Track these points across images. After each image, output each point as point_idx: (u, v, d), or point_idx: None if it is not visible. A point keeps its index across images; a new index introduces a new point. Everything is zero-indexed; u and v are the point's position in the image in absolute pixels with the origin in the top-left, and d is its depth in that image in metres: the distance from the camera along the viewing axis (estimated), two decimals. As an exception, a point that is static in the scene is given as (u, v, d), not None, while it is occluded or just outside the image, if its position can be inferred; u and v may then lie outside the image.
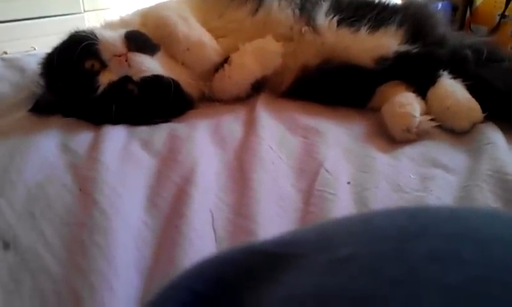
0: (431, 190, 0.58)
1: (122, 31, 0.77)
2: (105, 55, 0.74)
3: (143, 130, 0.72)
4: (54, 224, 0.52)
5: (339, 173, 0.62)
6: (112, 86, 0.74)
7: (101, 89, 0.73)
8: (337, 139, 0.72)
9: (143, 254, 0.50)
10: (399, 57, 0.82)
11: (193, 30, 0.83)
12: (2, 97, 0.87)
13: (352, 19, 0.85)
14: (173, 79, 0.77)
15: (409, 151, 0.68)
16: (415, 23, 0.85)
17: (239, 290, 0.26)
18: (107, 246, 0.49)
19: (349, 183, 0.60)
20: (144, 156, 0.65)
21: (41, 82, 0.81)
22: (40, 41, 1.80)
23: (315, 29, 0.86)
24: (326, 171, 0.62)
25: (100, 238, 0.49)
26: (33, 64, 0.99)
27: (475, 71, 0.80)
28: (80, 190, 0.58)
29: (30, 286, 0.45)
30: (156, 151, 0.66)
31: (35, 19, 1.89)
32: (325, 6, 0.87)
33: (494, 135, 0.69)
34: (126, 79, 0.75)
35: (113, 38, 0.75)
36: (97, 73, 0.74)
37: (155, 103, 0.76)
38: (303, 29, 0.87)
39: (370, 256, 0.23)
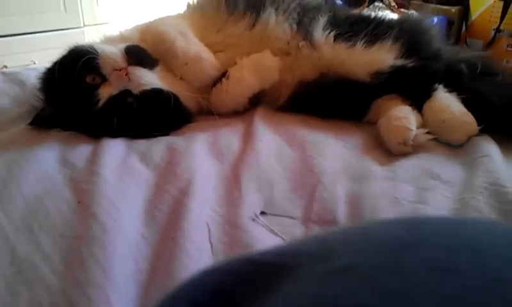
0: (428, 203, 0.59)
1: (122, 45, 0.78)
2: (106, 70, 0.75)
3: (142, 143, 0.73)
4: (52, 236, 0.52)
5: (336, 187, 0.62)
6: (113, 99, 0.74)
7: (101, 102, 0.74)
8: (334, 152, 0.72)
9: (140, 266, 0.50)
10: (395, 71, 0.83)
11: (191, 45, 0.84)
12: (1, 111, 0.88)
13: (348, 34, 0.86)
14: (172, 93, 0.78)
15: (405, 163, 0.69)
16: (410, 38, 0.86)
17: (238, 301, 0.26)
18: (105, 259, 0.48)
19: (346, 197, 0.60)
20: (143, 169, 0.66)
21: (41, 96, 0.82)
22: (40, 55, 1.81)
23: (312, 43, 0.87)
24: (324, 185, 0.62)
25: (98, 251, 0.49)
26: (33, 78, 1.00)
27: (470, 85, 0.80)
28: (78, 203, 0.58)
29: (27, 299, 0.45)
30: (154, 164, 0.67)
31: (35, 33, 1.90)
32: (322, 21, 0.88)
33: (489, 148, 0.70)
34: (126, 93, 0.75)
35: (113, 52, 0.76)
36: (97, 87, 0.74)
37: (155, 117, 0.77)
38: (300, 44, 0.88)
39: (367, 267, 0.24)
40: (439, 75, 0.82)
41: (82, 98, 0.74)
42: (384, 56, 0.84)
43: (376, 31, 0.86)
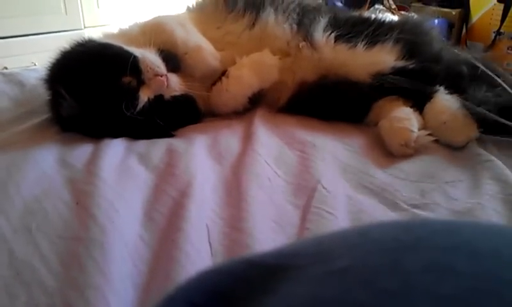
0: (429, 206, 0.58)
1: (154, 51, 0.79)
2: (147, 75, 0.76)
3: (141, 144, 0.73)
4: (51, 238, 0.52)
5: (336, 190, 0.62)
6: (150, 102, 0.76)
7: (140, 105, 0.74)
8: (335, 154, 0.72)
9: (139, 268, 0.49)
10: (396, 72, 0.83)
11: (191, 35, 0.85)
12: (1, 111, 0.88)
13: (349, 35, 0.86)
14: (191, 95, 0.81)
15: (407, 166, 0.69)
16: (411, 40, 0.86)
17: (236, 302, 0.26)
18: (103, 260, 0.48)
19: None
20: (142, 170, 0.66)
21: (58, 89, 0.75)
22: (40, 57, 1.81)
23: (312, 44, 0.87)
24: (323, 187, 0.62)
25: (97, 253, 0.49)
26: (33, 79, 1.00)
27: (471, 87, 0.80)
28: (77, 204, 0.57)
29: (25, 300, 0.45)
30: (153, 165, 0.67)
31: (35, 35, 1.90)
32: (323, 22, 0.88)
33: (492, 151, 0.70)
34: (160, 97, 0.77)
35: (156, 59, 0.77)
36: (136, 89, 0.75)
37: (181, 117, 0.80)
38: (301, 45, 0.88)
39: (365, 268, 0.23)
40: (440, 77, 0.82)
41: (120, 99, 0.72)
42: (385, 57, 0.84)
43: (376, 32, 0.86)
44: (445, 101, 0.78)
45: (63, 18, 1.97)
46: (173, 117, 0.78)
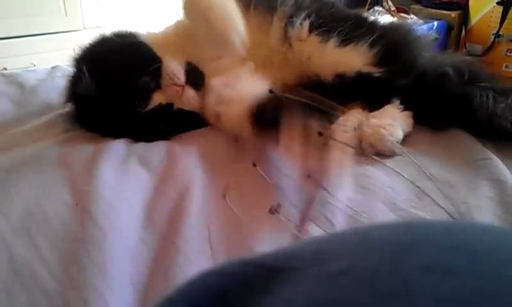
0: (428, 208, 0.58)
1: (183, 63, 0.79)
2: (166, 81, 0.77)
3: (141, 146, 0.73)
4: (50, 239, 0.52)
5: (336, 191, 0.62)
6: (160, 107, 0.77)
7: (150, 107, 0.76)
8: (334, 155, 0.72)
9: (138, 270, 0.49)
10: (359, 77, 0.80)
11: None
12: (0, 112, 0.88)
13: (324, 28, 0.82)
14: (199, 114, 0.80)
15: (406, 167, 0.69)
16: (389, 46, 0.82)
17: (236, 302, 0.26)
18: (102, 262, 0.48)
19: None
20: (142, 171, 0.66)
21: (83, 67, 0.77)
22: (40, 57, 1.82)
23: (288, 40, 0.85)
24: (324, 188, 0.62)
25: (96, 254, 0.49)
26: (32, 80, 1.00)
27: (458, 89, 0.77)
28: (76, 205, 0.57)
29: (24, 301, 0.45)
30: (153, 166, 0.66)
31: (35, 36, 1.91)
32: (304, 14, 0.85)
33: (491, 151, 0.70)
34: (171, 106, 0.78)
35: (178, 69, 0.78)
36: (151, 90, 0.76)
37: (184, 128, 0.80)
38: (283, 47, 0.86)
39: (365, 269, 0.23)
40: (403, 90, 0.79)
41: (133, 93, 0.75)
42: (354, 60, 0.80)
43: (354, 31, 0.82)
44: (385, 110, 0.77)
45: (63, 19, 1.97)
46: (177, 126, 0.79)
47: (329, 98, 0.76)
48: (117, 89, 0.75)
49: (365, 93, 0.80)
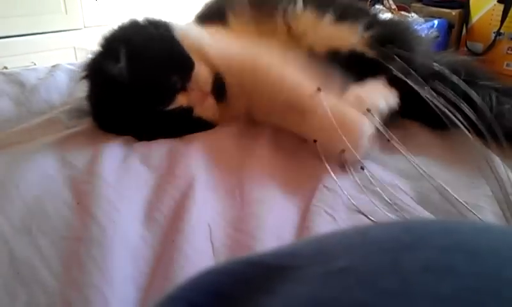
0: (429, 207, 0.58)
1: (212, 72, 0.79)
2: (193, 85, 0.77)
3: (141, 144, 0.73)
4: (51, 238, 0.52)
5: (336, 189, 0.62)
6: (181, 109, 0.77)
7: (172, 106, 0.76)
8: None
9: (139, 268, 0.50)
10: (353, 56, 0.80)
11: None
12: (1, 111, 0.88)
13: (321, 5, 0.83)
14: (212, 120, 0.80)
15: (405, 166, 0.69)
16: (385, 32, 0.81)
17: (236, 301, 0.26)
18: (103, 260, 0.48)
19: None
20: (143, 170, 0.66)
21: (121, 48, 0.75)
22: (41, 56, 1.82)
23: (287, 23, 0.85)
24: (324, 186, 0.62)
25: (97, 253, 0.49)
26: (33, 78, 1.00)
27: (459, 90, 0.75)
28: (77, 203, 0.57)
29: (25, 300, 0.45)
30: (154, 165, 0.66)
31: (35, 35, 1.91)
32: None
33: (488, 152, 0.69)
34: (191, 110, 0.78)
35: (207, 77, 0.78)
36: (177, 90, 0.77)
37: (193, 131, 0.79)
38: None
39: (365, 268, 0.24)
40: (388, 72, 0.77)
41: (159, 89, 0.75)
42: (348, 36, 0.80)
43: (351, 12, 0.83)
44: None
45: (63, 18, 1.97)
46: (190, 130, 0.79)
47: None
48: (147, 82, 0.74)
49: (356, 73, 0.79)
